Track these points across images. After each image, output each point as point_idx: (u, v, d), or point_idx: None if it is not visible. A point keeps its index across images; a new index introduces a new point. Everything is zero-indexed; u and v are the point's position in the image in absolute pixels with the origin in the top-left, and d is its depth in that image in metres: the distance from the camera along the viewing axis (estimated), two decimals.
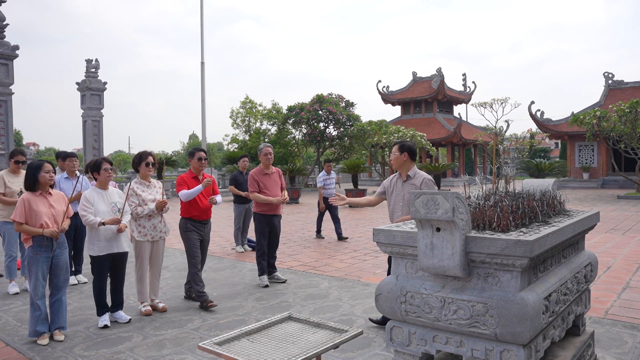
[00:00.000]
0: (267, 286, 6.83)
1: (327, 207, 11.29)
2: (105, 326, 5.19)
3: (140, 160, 5.72)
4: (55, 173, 5.16)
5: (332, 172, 11.87)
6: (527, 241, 2.59)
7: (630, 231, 11.55)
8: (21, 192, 6.16)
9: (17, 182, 6.75)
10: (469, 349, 2.80)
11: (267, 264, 7.12)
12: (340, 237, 11.20)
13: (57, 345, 4.72)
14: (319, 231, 11.73)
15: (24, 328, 5.19)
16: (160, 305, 5.82)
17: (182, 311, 5.78)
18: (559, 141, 45.48)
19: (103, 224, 5.15)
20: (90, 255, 5.31)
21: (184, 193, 5.93)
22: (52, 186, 5.06)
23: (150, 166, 5.75)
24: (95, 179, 5.50)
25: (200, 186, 5.96)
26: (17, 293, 6.67)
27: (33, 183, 4.87)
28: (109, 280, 5.46)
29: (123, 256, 5.50)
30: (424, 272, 2.98)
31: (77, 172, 7.22)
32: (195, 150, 6.22)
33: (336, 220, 11.33)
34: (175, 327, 5.23)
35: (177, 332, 5.07)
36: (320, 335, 2.90)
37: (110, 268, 5.41)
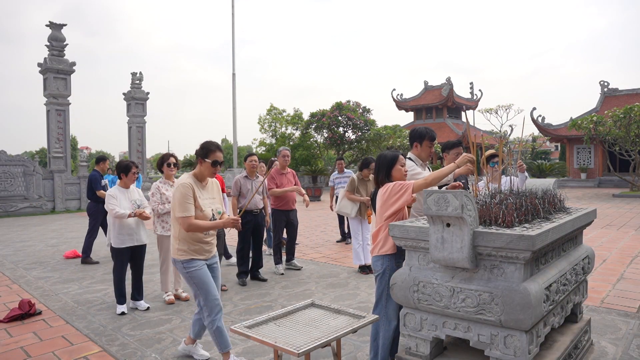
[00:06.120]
0: (282, 274, 7.03)
1: None
2: (123, 313, 5.16)
3: (162, 162, 5.65)
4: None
5: (345, 170, 9.76)
6: (529, 236, 2.55)
7: (624, 227, 11.29)
8: None
9: None
10: (476, 334, 2.78)
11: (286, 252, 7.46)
12: (344, 240, 9.77)
13: (107, 324, 4.81)
14: (343, 237, 9.88)
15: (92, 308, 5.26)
16: (184, 294, 5.74)
17: None
18: (559, 144, 44.63)
19: (130, 215, 5.19)
20: (112, 247, 5.32)
21: None
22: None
23: (172, 166, 5.66)
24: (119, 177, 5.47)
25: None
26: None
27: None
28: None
29: (142, 249, 5.46)
30: (435, 264, 2.96)
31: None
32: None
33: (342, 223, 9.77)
34: None
35: None
36: (340, 320, 2.89)
37: (130, 259, 5.39)
